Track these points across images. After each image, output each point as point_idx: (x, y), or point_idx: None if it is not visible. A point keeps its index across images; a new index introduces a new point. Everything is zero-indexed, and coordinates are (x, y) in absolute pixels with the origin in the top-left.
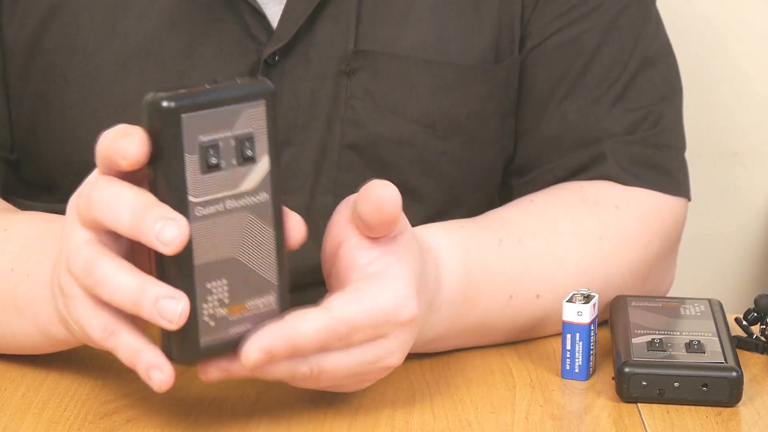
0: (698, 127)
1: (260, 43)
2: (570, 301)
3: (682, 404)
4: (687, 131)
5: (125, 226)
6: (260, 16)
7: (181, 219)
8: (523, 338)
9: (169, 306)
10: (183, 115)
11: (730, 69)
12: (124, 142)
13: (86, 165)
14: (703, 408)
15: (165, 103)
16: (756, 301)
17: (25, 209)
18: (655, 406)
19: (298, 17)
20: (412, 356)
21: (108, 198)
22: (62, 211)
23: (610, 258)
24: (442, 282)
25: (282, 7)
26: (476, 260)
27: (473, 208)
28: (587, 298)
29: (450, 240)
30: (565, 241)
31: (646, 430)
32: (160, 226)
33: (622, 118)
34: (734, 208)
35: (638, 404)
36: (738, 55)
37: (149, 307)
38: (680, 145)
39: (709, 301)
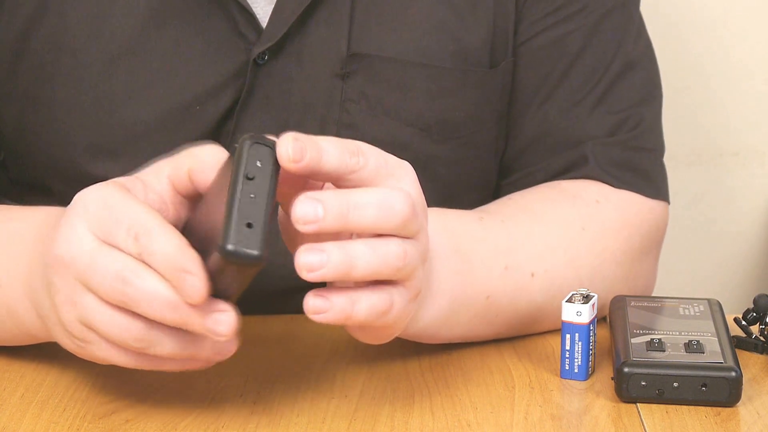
0: (698, 128)
1: (249, 42)
2: (569, 301)
3: (681, 404)
4: (687, 132)
5: (170, 321)
6: (249, 14)
7: (231, 311)
8: (526, 331)
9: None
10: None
11: (730, 69)
12: (191, 283)
13: (74, 164)
14: (702, 408)
15: (255, 252)
16: (755, 301)
17: None
18: (654, 406)
19: (287, 17)
20: (412, 356)
21: (146, 293)
22: None
23: (594, 247)
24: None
25: (272, 6)
26: (460, 226)
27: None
28: (586, 298)
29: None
30: (548, 227)
31: (645, 430)
32: (213, 321)
33: (603, 121)
34: (734, 208)
35: (637, 404)
36: (738, 55)
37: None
38: (659, 149)
39: (708, 301)
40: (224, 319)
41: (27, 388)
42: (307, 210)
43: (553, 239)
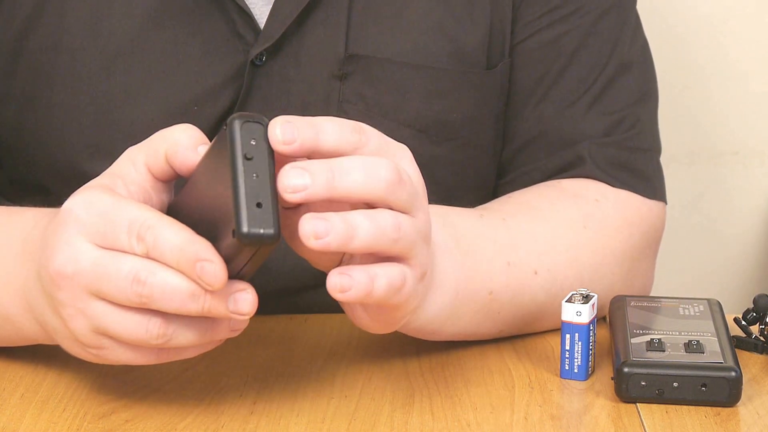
0: (698, 127)
1: (247, 43)
2: (569, 301)
3: (681, 404)
4: (687, 132)
5: (192, 312)
6: (247, 15)
7: (250, 288)
8: (528, 329)
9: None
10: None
11: (730, 69)
12: (210, 269)
13: (72, 165)
14: (702, 408)
15: (271, 231)
16: (755, 301)
17: None
18: (654, 406)
19: (285, 18)
20: (412, 356)
21: (163, 288)
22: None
23: (596, 246)
24: (432, 236)
25: (270, 7)
26: (461, 222)
27: None
28: (586, 298)
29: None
30: (550, 225)
31: (645, 430)
32: (234, 302)
33: (599, 121)
34: (734, 208)
35: (637, 404)
36: (737, 55)
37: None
38: (656, 149)
39: (708, 301)
40: (245, 298)
41: (27, 388)
42: (294, 178)
43: (555, 237)
